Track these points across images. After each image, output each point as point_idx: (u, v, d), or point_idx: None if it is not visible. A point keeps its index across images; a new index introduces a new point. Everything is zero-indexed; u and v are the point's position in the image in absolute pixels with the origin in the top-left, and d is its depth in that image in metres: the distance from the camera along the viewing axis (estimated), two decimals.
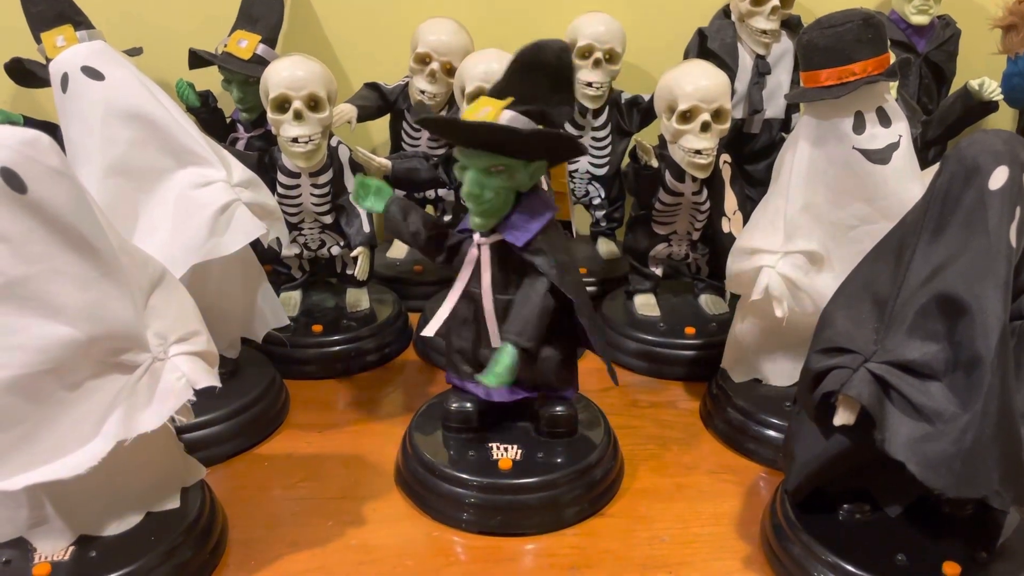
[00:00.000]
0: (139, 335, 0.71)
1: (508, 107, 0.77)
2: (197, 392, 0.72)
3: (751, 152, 1.31)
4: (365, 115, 1.28)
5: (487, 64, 1.08)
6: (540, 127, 0.78)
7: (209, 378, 0.73)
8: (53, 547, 0.73)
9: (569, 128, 1.28)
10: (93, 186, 0.85)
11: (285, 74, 1.03)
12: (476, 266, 0.84)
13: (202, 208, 0.87)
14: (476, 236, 0.83)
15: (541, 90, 0.77)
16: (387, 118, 1.33)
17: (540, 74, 0.77)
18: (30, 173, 0.64)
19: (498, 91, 0.78)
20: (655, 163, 1.08)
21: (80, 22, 1.20)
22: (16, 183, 0.63)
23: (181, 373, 0.72)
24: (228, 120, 1.32)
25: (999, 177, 0.66)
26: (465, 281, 0.85)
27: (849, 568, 0.73)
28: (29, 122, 1.20)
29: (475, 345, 0.87)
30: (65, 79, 0.87)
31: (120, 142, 0.86)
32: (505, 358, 0.80)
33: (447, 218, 1.32)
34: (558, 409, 0.89)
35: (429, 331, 0.86)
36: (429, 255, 0.88)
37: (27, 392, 0.66)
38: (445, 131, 0.86)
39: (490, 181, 0.79)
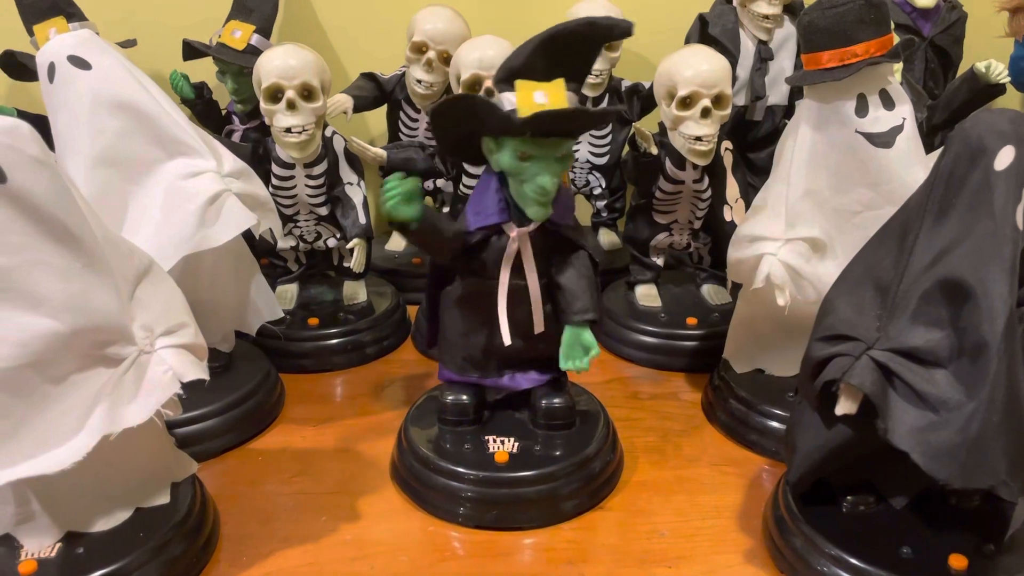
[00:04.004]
0: (124, 327, 0.69)
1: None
2: (186, 386, 0.71)
3: (754, 139, 1.29)
4: (361, 105, 1.26)
5: (482, 51, 1.06)
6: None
7: (197, 371, 0.72)
8: (40, 544, 0.72)
9: None
10: (81, 177, 0.84)
11: (278, 63, 1.01)
12: (517, 258, 0.81)
13: (191, 198, 0.85)
14: (512, 228, 0.80)
15: (577, 67, 0.76)
16: (384, 108, 1.31)
17: (584, 52, 0.76)
18: (9, 162, 0.63)
19: (534, 71, 0.74)
20: (655, 151, 1.07)
21: (73, 14, 1.19)
22: None
23: (168, 366, 0.70)
24: (224, 112, 1.31)
25: (1005, 157, 0.64)
26: (508, 275, 0.81)
27: (853, 561, 0.71)
28: (23, 116, 1.17)
29: (488, 335, 0.85)
30: (52, 69, 0.86)
31: (108, 132, 0.85)
32: (589, 337, 0.81)
33: (446, 209, 1.30)
34: (556, 400, 0.88)
35: (506, 339, 0.82)
36: (449, 256, 0.83)
37: (9, 386, 0.65)
38: (544, 124, 0.75)
39: (561, 169, 0.77)
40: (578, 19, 0.75)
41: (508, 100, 0.75)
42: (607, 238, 1.37)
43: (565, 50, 0.75)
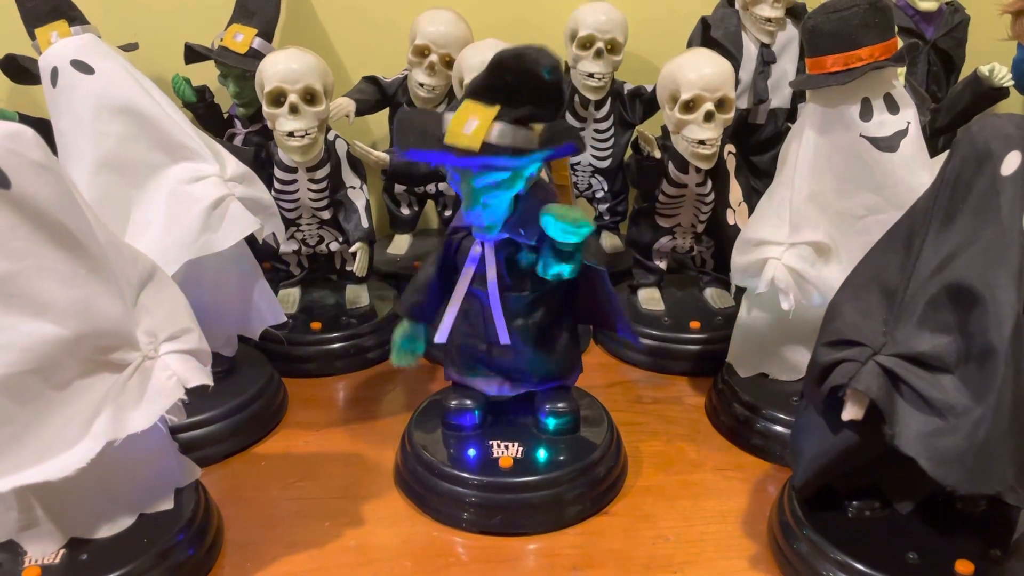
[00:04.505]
0: (128, 333, 0.69)
1: (497, 116, 0.71)
2: (189, 391, 0.71)
3: (756, 143, 1.29)
4: (364, 109, 1.26)
5: (485, 55, 1.04)
6: (532, 132, 0.72)
7: (201, 376, 0.72)
8: (44, 550, 0.72)
9: (570, 120, 1.26)
10: (84, 182, 0.84)
11: (280, 67, 1.01)
12: (480, 264, 0.81)
13: (195, 203, 0.85)
14: (479, 235, 0.80)
15: (528, 96, 0.71)
16: (386, 112, 1.31)
17: (525, 83, 0.71)
18: (13, 167, 0.62)
19: (483, 91, 0.72)
20: (658, 154, 1.07)
21: (75, 17, 1.19)
22: None
23: (172, 372, 0.70)
24: (225, 115, 1.31)
25: (1012, 162, 0.64)
26: (468, 280, 0.82)
27: (859, 567, 0.71)
28: (24, 119, 1.18)
29: (481, 342, 0.85)
30: (55, 73, 0.86)
31: (111, 136, 0.85)
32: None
33: (447, 213, 1.30)
34: (560, 405, 0.88)
35: (440, 338, 0.83)
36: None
37: (13, 392, 0.65)
38: (433, 160, 0.77)
39: (489, 196, 0.75)
40: (511, 49, 0.70)
41: (446, 120, 0.72)
42: (610, 241, 1.37)
43: (512, 78, 0.71)
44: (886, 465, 0.73)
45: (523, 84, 0.71)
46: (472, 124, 0.71)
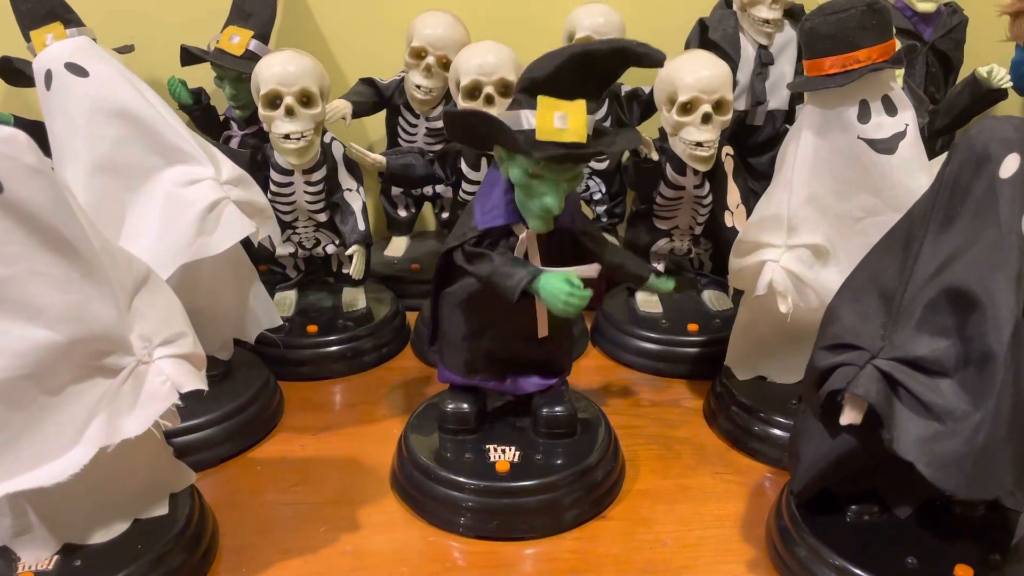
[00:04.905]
0: (122, 337, 0.69)
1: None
2: (184, 396, 0.70)
3: (754, 144, 1.28)
4: (360, 111, 1.26)
5: (482, 57, 1.06)
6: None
7: (195, 381, 0.71)
8: (37, 556, 0.72)
9: None
10: (79, 185, 0.83)
11: (276, 69, 1.01)
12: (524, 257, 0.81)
13: (190, 206, 0.85)
14: (522, 230, 0.80)
15: (597, 87, 0.75)
16: (383, 114, 1.31)
17: (606, 75, 0.75)
18: (6, 172, 0.62)
19: (559, 87, 0.73)
20: (655, 156, 1.06)
21: (70, 20, 1.18)
22: None
23: (166, 377, 0.70)
24: (221, 118, 1.30)
25: (1010, 165, 0.64)
26: None
27: (857, 571, 0.71)
28: (19, 122, 1.18)
29: (493, 341, 0.85)
30: (49, 76, 0.85)
31: (106, 140, 0.84)
32: (661, 283, 0.91)
33: (444, 215, 1.30)
34: (557, 409, 0.88)
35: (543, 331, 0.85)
36: None
37: (6, 398, 0.64)
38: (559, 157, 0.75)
39: (568, 189, 0.77)
40: (611, 42, 0.75)
41: (527, 119, 0.73)
42: None
43: (592, 70, 0.74)
44: (885, 469, 0.72)
45: (612, 78, 0.75)
46: (564, 119, 0.72)
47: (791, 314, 0.88)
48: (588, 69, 0.73)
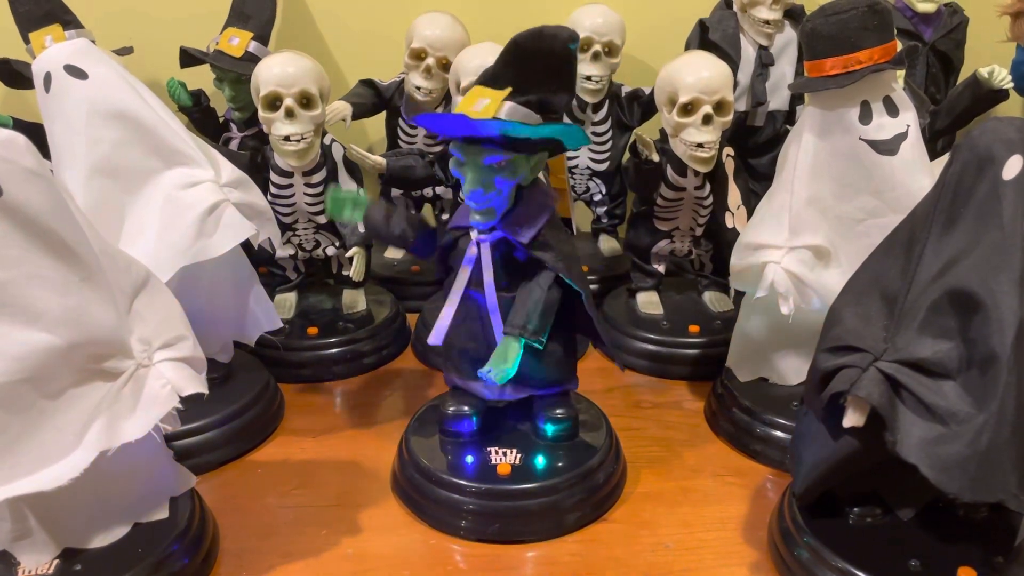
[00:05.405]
0: (122, 341, 0.69)
1: (507, 97, 0.74)
2: (184, 399, 0.70)
3: (755, 145, 1.28)
4: (360, 112, 1.25)
5: (483, 58, 1.05)
6: (540, 118, 0.75)
7: (195, 385, 0.71)
8: (37, 561, 0.71)
9: (568, 120, 1.25)
10: (78, 188, 0.83)
11: (276, 71, 1.01)
12: (476, 265, 0.81)
13: (189, 209, 0.84)
14: (475, 234, 0.80)
15: (540, 78, 0.74)
16: (383, 116, 1.31)
17: (540, 62, 0.74)
18: (4, 175, 0.62)
19: (492, 79, 0.75)
20: (656, 157, 1.06)
21: (69, 21, 1.18)
22: None
23: (166, 380, 0.70)
24: (221, 119, 1.30)
25: (1013, 166, 0.63)
26: (465, 281, 0.82)
27: (860, 574, 0.70)
28: (18, 124, 1.17)
29: (480, 345, 0.84)
30: (48, 78, 0.85)
31: (105, 142, 0.84)
32: (510, 351, 0.79)
33: (445, 217, 1.30)
34: (558, 411, 0.87)
35: (435, 340, 0.84)
36: (420, 255, 0.87)
37: (6, 402, 0.64)
38: (443, 128, 0.82)
39: (492, 178, 0.76)
40: (527, 31, 0.74)
41: (455, 104, 0.75)
42: (608, 244, 1.36)
43: (526, 59, 0.74)
44: (887, 471, 0.72)
45: (539, 63, 0.73)
46: (482, 103, 0.73)
47: (792, 315, 0.88)
48: (522, 60, 0.74)
